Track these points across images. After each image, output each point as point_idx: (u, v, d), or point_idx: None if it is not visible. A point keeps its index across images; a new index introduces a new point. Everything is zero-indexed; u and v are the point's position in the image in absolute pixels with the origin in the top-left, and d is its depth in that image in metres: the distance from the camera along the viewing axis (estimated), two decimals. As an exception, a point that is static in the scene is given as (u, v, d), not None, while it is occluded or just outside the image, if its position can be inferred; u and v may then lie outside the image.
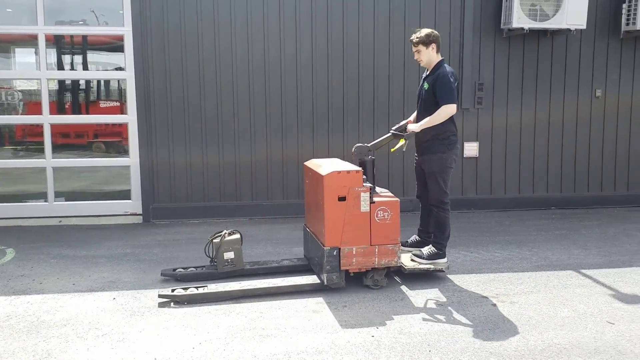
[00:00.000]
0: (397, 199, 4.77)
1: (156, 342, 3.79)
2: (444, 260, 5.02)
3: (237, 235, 5.01)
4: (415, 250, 5.13)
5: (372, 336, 3.85)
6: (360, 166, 4.88)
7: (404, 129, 5.09)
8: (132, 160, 7.19)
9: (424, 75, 5.15)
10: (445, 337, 3.85)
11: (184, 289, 4.55)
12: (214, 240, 4.99)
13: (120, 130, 7.67)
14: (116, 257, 5.67)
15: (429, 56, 4.97)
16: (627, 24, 7.44)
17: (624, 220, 7.10)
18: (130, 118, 7.16)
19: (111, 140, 8.12)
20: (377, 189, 4.92)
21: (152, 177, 7.09)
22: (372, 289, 4.72)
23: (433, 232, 5.13)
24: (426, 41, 4.93)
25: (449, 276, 5.04)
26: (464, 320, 4.13)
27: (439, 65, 4.97)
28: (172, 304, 4.45)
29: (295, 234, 6.43)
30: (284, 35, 7.08)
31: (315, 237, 4.87)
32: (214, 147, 7.13)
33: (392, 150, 5.18)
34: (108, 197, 7.45)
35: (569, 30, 7.18)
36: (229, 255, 4.94)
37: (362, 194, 4.57)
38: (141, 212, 7.16)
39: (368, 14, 7.19)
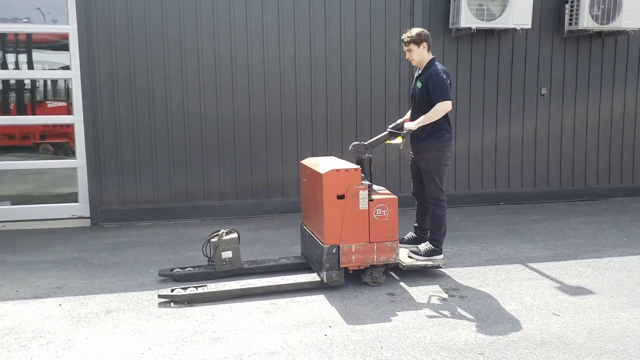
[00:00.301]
0: (395, 196, 4.81)
1: (104, 349, 3.69)
2: (441, 256, 5.09)
3: (235, 235, 5.00)
4: (412, 247, 5.18)
5: (325, 335, 3.85)
6: (357, 164, 4.89)
7: (400, 127, 5.11)
8: (79, 162, 7.00)
9: (415, 75, 5.20)
10: (397, 333, 3.88)
11: (183, 288, 4.52)
12: (212, 240, 4.97)
13: (68, 131, 7.44)
14: (63, 262, 5.50)
15: (420, 55, 5.01)
16: (570, 24, 7.68)
17: (568, 215, 7.33)
18: (76, 118, 6.96)
19: (59, 142, 7.86)
20: (374, 187, 4.95)
21: (100, 179, 6.91)
22: (370, 285, 4.76)
23: (430, 229, 5.19)
24: (417, 40, 4.96)
25: (444, 271, 5.09)
26: (415, 315, 4.17)
27: (431, 63, 5.01)
28: (172, 304, 4.42)
29: (251, 235, 6.38)
30: (235, 31, 7.01)
31: (314, 236, 4.87)
32: (163, 146, 6.99)
33: (387, 142, 5.18)
34: (55, 200, 7.22)
35: (514, 29, 7.37)
36: (227, 254, 4.93)
37: (360, 191, 4.61)
38: (89, 215, 6.97)
39: (319, 18, 7.18)
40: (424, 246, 5.12)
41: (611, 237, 6.19)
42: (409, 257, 5.08)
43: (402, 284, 4.83)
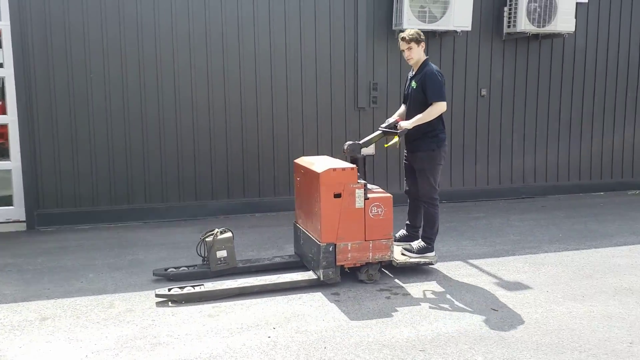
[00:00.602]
0: (389, 194, 4.88)
1: (38, 358, 3.54)
2: (433, 253, 5.17)
3: (230, 234, 5.00)
4: (406, 245, 5.24)
5: (269, 337, 3.83)
6: (352, 163, 4.93)
7: (394, 126, 5.11)
8: (14, 163, 6.72)
9: (410, 75, 5.25)
10: (341, 332, 3.89)
11: (180, 288, 4.49)
12: (207, 239, 4.95)
13: (1, 132, 7.12)
14: (-5, 269, 5.27)
15: (418, 54, 5.07)
16: (509, 26, 7.90)
17: (507, 212, 7.55)
18: (10, 118, 6.68)
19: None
20: (369, 186, 4.97)
21: (36, 181, 6.65)
22: (366, 283, 4.82)
23: (422, 226, 5.25)
24: (418, 39, 5.03)
25: (437, 268, 5.12)
26: (358, 313, 4.20)
27: (425, 64, 5.08)
28: (169, 303, 4.40)
29: (193, 237, 6.27)
30: (177, 33, 6.88)
31: (309, 234, 4.90)
32: (103, 147, 6.79)
33: (385, 145, 5.22)
34: (-12, 204, 6.92)
35: (455, 31, 7.53)
36: (222, 253, 4.93)
37: (357, 190, 4.67)
38: (25, 219, 6.69)
39: (263, 19, 7.13)
40: (416, 244, 5.20)
41: (548, 234, 6.41)
42: (402, 254, 5.15)
43: (346, 284, 4.86)
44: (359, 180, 4.72)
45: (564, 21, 7.77)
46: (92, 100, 6.71)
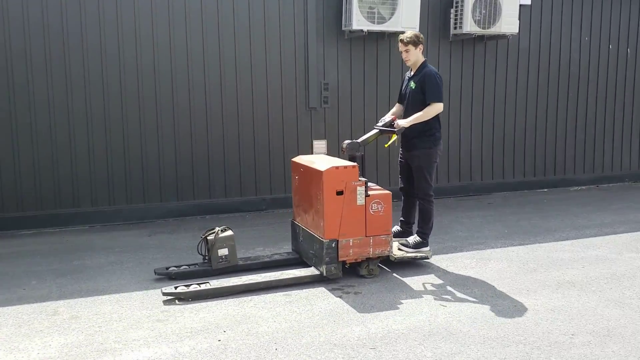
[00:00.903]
0: (389, 192, 5.01)
1: (-25, 370, 3.41)
2: (427, 248, 5.34)
3: (231, 232, 5.05)
4: (402, 240, 5.38)
5: (219, 340, 3.78)
6: (350, 161, 5.03)
7: (390, 124, 5.23)
8: (-50, 167, 6.43)
9: (407, 76, 5.43)
10: (292, 333, 3.89)
11: (186, 286, 4.53)
12: (209, 238, 4.99)
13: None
14: None
15: (416, 56, 5.25)
16: (455, 28, 8.06)
17: (456, 209, 7.71)
18: (-55, 120, 6.39)
19: None
20: (368, 183, 5.05)
21: (-26, 186, 6.39)
22: (366, 277, 4.93)
23: (418, 222, 5.38)
24: (416, 42, 5.22)
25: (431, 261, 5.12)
26: (310, 314, 4.20)
27: (424, 65, 5.26)
28: (176, 301, 4.43)
29: (143, 241, 6.16)
30: (122, 29, 6.73)
31: (310, 231, 4.99)
32: (46, 147, 6.56)
33: (386, 145, 5.37)
34: None
35: (403, 32, 7.61)
36: (223, 251, 4.99)
37: (358, 188, 4.80)
38: (-38, 226, 6.43)
39: (211, 19, 7.05)
40: (412, 239, 5.35)
41: (494, 230, 6.57)
42: (399, 249, 5.28)
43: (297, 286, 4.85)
44: (360, 178, 4.84)
45: (508, 23, 7.99)
46: (33, 98, 6.46)
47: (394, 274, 5.07)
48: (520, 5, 8.22)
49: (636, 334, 3.85)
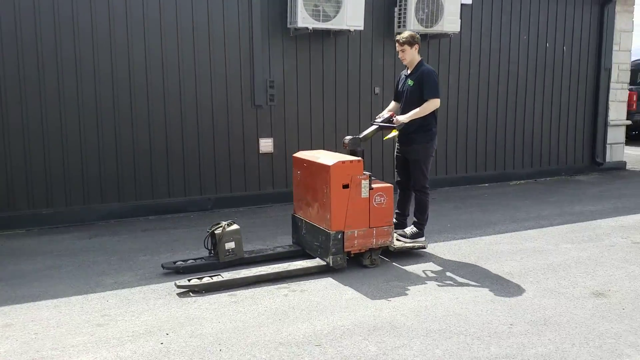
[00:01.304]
0: (391, 185, 5.26)
1: None
2: (423, 238, 5.61)
3: (237, 226, 5.18)
4: (399, 231, 5.59)
5: (161, 343, 3.71)
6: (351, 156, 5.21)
7: (389, 120, 5.47)
8: None
9: (404, 74, 5.67)
10: (237, 333, 3.85)
11: (199, 278, 4.63)
12: (216, 232, 5.11)
13: None
14: None
15: (412, 56, 5.50)
16: (399, 26, 8.17)
17: (402, 205, 7.81)
18: None
19: None
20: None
21: None
22: (369, 267, 5.14)
23: (414, 213, 5.62)
24: (412, 42, 5.46)
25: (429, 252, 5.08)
26: (255, 313, 4.18)
27: (421, 64, 5.52)
28: (190, 293, 4.52)
29: (81, 244, 5.98)
30: (60, 26, 6.49)
31: (315, 224, 5.18)
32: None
33: (385, 138, 5.63)
34: None
35: (349, 30, 7.66)
36: (230, 245, 5.11)
37: (362, 181, 5.00)
38: None
39: (154, 16, 6.90)
40: (409, 230, 5.61)
41: (437, 224, 6.69)
42: (397, 240, 5.47)
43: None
44: (364, 172, 5.02)
45: (450, 22, 8.16)
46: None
47: (340, 274, 5.10)
48: (462, 5, 8.40)
49: (571, 322, 4.01)
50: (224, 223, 5.18)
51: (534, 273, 5.03)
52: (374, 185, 5.10)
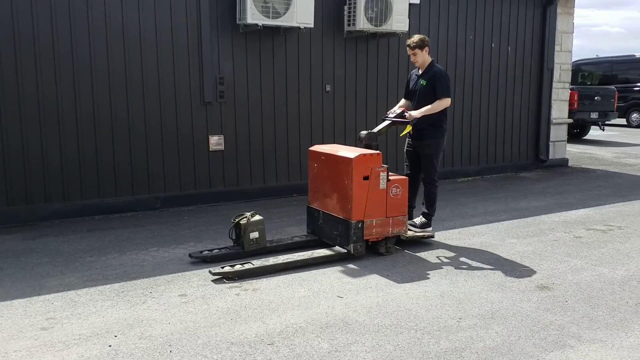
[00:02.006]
0: (406, 177, 5.63)
1: None
2: (430, 228, 6.00)
3: (260, 217, 5.42)
4: (410, 221, 5.88)
5: (109, 346, 3.62)
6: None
7: (401, 115, 5.76)
8: None
9: (415, 74, 6.04)
10: (188, 334, 3.79)
11: (231, 266, 4.85)
12: (241, 222, 5.31)
13: None
14: None
15: (423, 58, 5.86)
16: (349, 25, 8.22)
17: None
18: None
19: None
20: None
21: None
22: (384, 255, 5.43)
23: (424, 204, 6.01)
24: (422, 45, 5.79)
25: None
26: (207, 314, 4.12)
27: (432, 64, 5.89)
28: (224, 280, 4.74)
29: (24, 245, 5.76)
30: (-2, 20, 6.23)
31: (334, 214, 5.44)
32: None
33: (401, 134, 6.01)
34: None
35: (299, 28, 7.66)
36: (254, 235, 5.34)
37: (381, 173, 5.27)
38: None
39: (98, 10, 6.70)
40: (419, 220, 6.01)
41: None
42: (409, 229, 5.74)
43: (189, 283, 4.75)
44: (382, 165, 5.28)
45: (399, 21, 8.26)
46: None
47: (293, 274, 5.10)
48: (410, 4, 8.52)
49: (517, 314, 4.13)
50: (247, 214, 5.37)
51: (482, 268, 5.16)
52: (390, 177, 5.37)
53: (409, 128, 5.79)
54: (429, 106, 5.72)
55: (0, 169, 6.37)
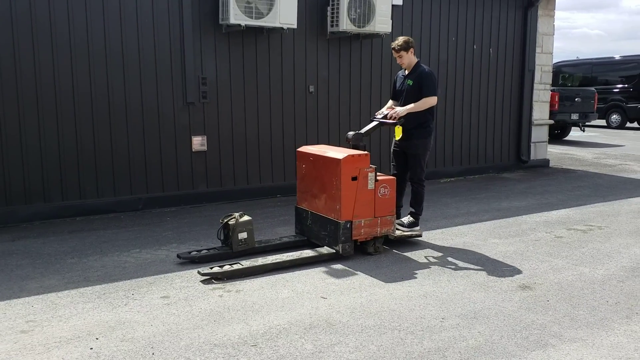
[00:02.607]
0: (393, 177, 5.67)
1: None
2: (418, 227, 6.07)
3: (249, 217, 5.40)
4: (398, 220, 5.93)
5: (91, 348, 3.58)
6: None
7: (390, 116, 5.81)
8: None
9: (402, 74, 6.08)
10: (170, 336, 3.76)
11: (220, 266, 4.83)
12: (230, 222, 5.29)
13: None
14: None
15: (409, 59, 5.90)
16: (332, 26, 8.22)
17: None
18: None
19: None
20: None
21: None
22: (372, 254, 5.47)
23: (411, 204, 6.06)
24: (406, 47, 5.84)
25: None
26: (189, 315, 4.10)
27: (418, 64, 5.94)
28: (213, 280, 4.72)
29: (3, 247, 5.68)
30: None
31: (322, 215, 5.45)
32: None
33: (396, 139, 5.96)
34: None
35: (282, 28, 7.64)
36: (243, 235, 5.33)
37: (369, 174, 5.30)
38: None
39: (79, 10, 6.63)
40: (407, 219, 6.05)
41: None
42: (397, 229, 5.78)
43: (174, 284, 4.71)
44: (370, 165, 5.31)
45: (382, 22, 8.28)
46: None
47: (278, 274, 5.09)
48: (393, 6, 8.55)
49: (499, 314, 4.16)
50: (236, 214, 5.34)
51: (464, 268, 5.19)
52: (378, 178, 5.39)
53: (400, 129, 5.84)
54: (414, 104, 5.76)
55: (1, 174, 6.29)
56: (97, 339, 3.71)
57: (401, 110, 5.78)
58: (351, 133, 5.76)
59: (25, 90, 6.45)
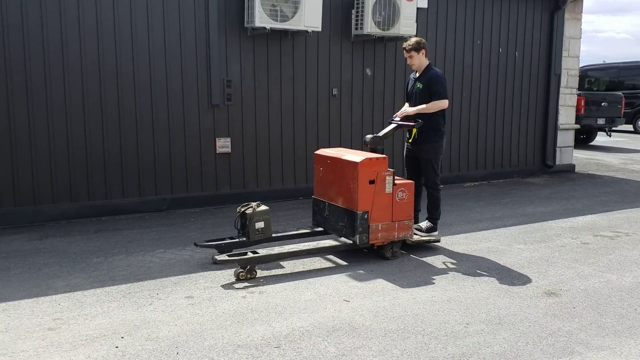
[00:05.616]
0: (412, 181, 5.59)
1: None
2: (436, 232, 5.94)
3: (266, 207, 5.36)
4: (416, 225, 5.87)
5: (116, 347, 3.62)
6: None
7: (406, 118, 5.82)
8: None
9: (413, 77, 5.97)
10: (194, 336, 3.79)
11: (236, 254, 4.89)
12: (247, 212, 5.27)
13: None
14: None
15: (420, 60, 5.79)
16: (356, 29, 8.22)
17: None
18: None
19: None
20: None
21: None
22: (390, 259, 5.42)
23: (428, 209, 5.94)
24: (418, 48, 5.73)
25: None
26: (213, 316, 4.12)
27: (429, 67, 5.82)
28: (238, 276, 4.81)
29: (31, 245, 5.77)
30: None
31: (340, 206, 5.41)
32: None
33: (409, 141, 5.93)
34: None
35: (306, 31, 7.66)
36: (260, 225, 5.30)
37: (387, 177, 5.26)
38: None
39: (107, 12, 6.74)
40: (425, 224, 5.95)
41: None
42: (415, 234, 5.73)
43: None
44: (388, 169, 5.27)
45: (406, 25, 8.25)
46: None
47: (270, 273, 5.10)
48: (418, 9, 8.52)
49: (524, 320, 4.11)
50: (253, 204, 5.32)
51: (488, 273, 5.14)
52: (396, 182, 5.35)
53: (415, 130, 5.80)
54: (424, 105, 5.70)
55: (7, 170, 6.40)
56: (122, 337, 3.76)
57: (411, 110, 5.76)
58: (369, 136, 5.70)
59: (54, 95, 6.55)
